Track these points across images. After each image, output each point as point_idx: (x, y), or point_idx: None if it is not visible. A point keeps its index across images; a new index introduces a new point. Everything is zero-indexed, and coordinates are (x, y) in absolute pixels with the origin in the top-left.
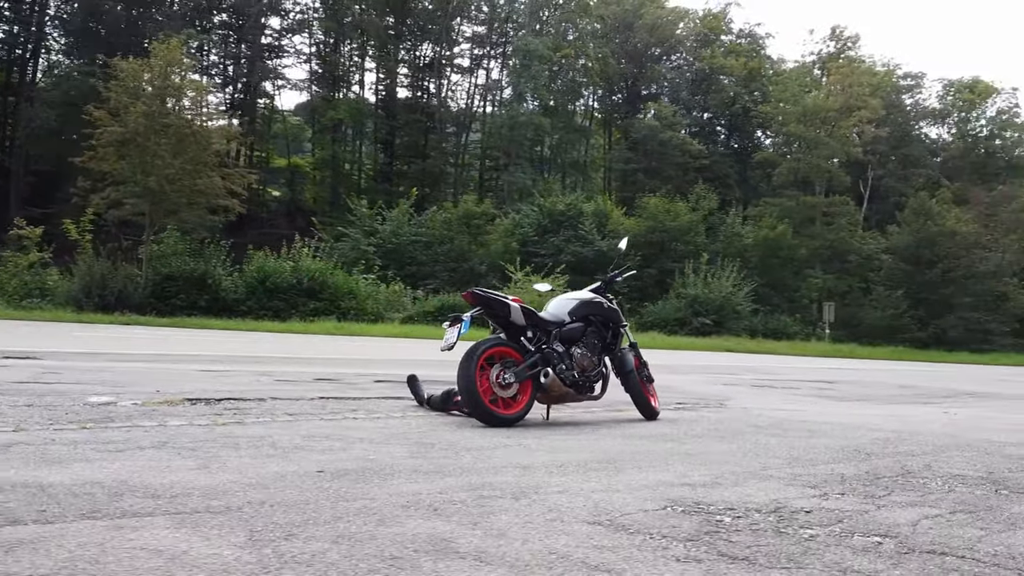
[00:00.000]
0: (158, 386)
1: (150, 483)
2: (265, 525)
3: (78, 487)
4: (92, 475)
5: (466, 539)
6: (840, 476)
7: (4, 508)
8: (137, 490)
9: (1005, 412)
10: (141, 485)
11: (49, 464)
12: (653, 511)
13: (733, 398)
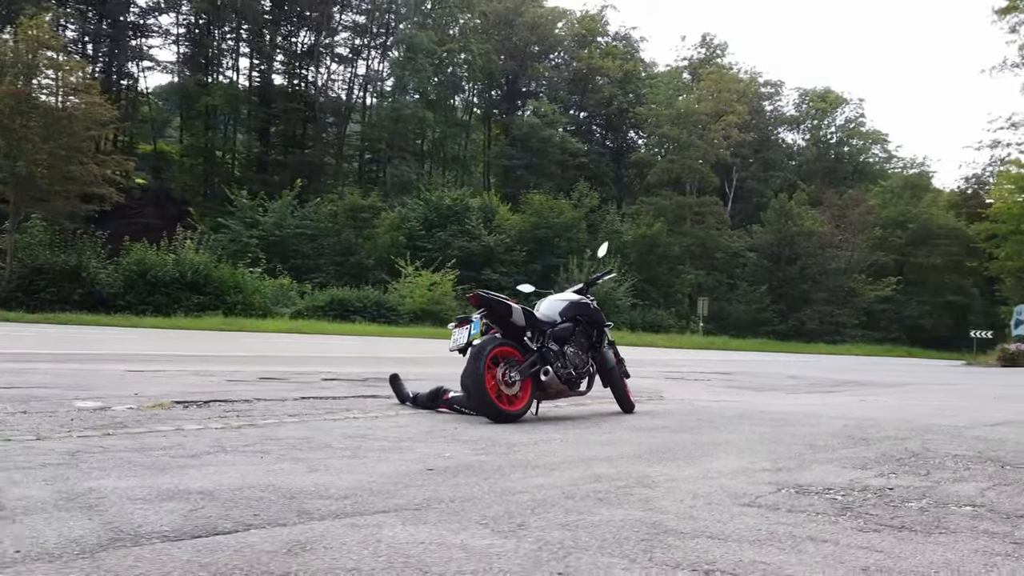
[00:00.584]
0: (106, 389)
1: (301, 486)
2: (485, 517)
3: (247, 492)
4: (231, 480)
5: (672, 522)
6: (865, 459)
7: (228, 514)
8: (303, 493)
9: (915, 398)
10: (298, 489)
11: (161, 471)
12: (778, 492)
13: (665, 391)
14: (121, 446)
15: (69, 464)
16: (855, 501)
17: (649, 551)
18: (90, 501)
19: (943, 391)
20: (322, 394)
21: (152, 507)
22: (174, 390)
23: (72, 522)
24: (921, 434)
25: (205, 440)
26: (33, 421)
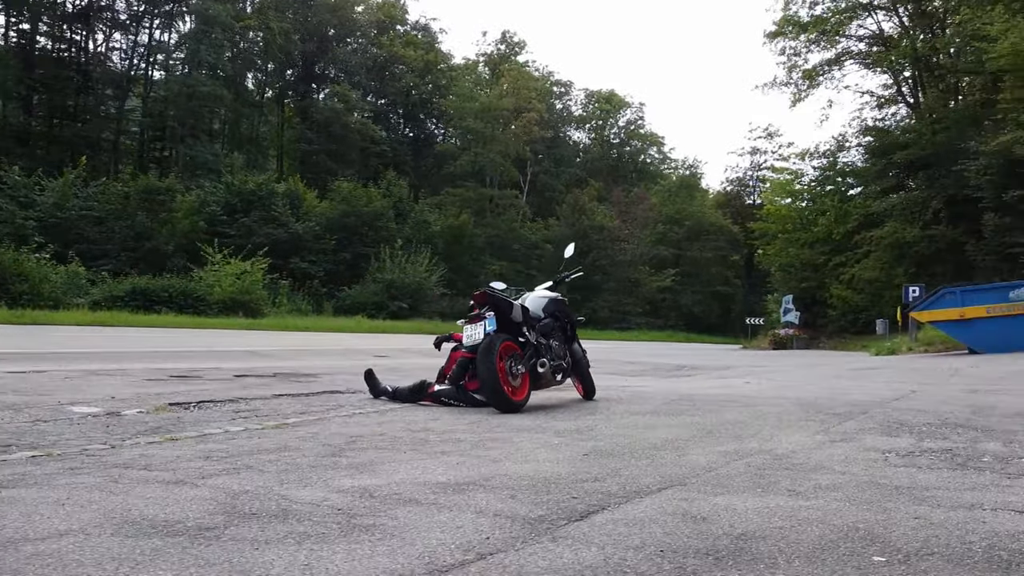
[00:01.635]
0: (66, 394)
1: (522, 472)
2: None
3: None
4: (389, 480)
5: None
6: (866, 429)
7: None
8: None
9: (779, 379)
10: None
11: (359, 469)
12: (875, 456)
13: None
14: (181, 455)
15: (249, 467)
16: (924, 458)
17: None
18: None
19: (784, 372)
20: (292, 392)
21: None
22: (140, 392)
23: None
24: (867, 409)
25: (262, 443)
26: (55, 429)
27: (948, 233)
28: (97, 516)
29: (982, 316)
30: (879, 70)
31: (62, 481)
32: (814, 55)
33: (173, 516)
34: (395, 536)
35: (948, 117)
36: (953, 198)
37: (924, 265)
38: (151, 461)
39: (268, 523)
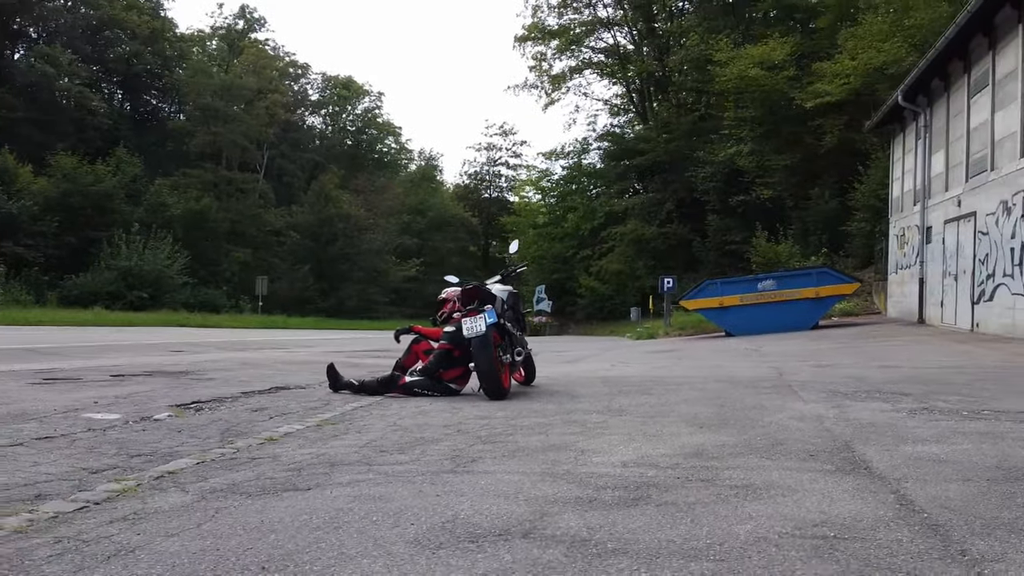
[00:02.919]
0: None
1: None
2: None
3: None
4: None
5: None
6: (844, 394)
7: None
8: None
9: (685, 363)
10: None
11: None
12: (885, 413)
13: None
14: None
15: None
16: (917, 409)
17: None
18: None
19: (619, 357)
20: (240, 390)
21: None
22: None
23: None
24: (778, 383)
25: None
26: (145, 437)
27: (679, 231)
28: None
29: (737, 304)
30: (614, 81)
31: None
32: (560, 62)
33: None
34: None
35: (679, 128)
36: (683, 200)
37: (660, 259)
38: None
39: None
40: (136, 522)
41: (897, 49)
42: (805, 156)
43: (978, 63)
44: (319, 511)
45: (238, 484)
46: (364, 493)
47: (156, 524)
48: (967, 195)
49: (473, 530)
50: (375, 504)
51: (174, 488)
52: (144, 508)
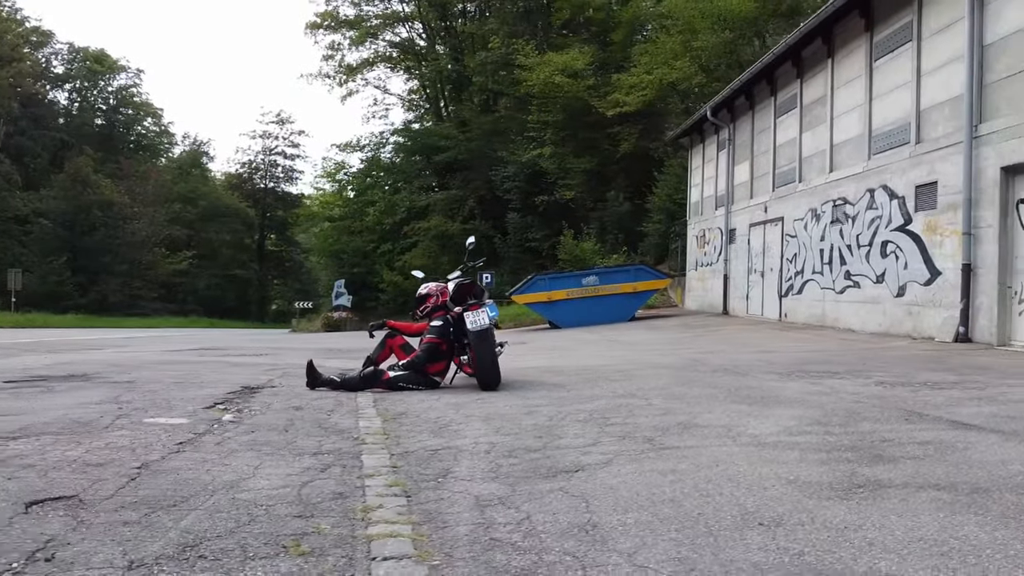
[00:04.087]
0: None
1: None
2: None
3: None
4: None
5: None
6: (807, 372)
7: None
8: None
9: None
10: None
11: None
12: (877, 387)
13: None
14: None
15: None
16: (876, 382)
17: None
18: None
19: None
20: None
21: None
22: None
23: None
24: (740, 364)
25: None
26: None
27: (482, 227)
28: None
29: (563, 298)
30: (408, 77)
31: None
32: (355, 53)
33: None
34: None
35: (480, 128)
36: (484, 198)
37: (464, 254)
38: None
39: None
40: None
41: (687, 67)
42: (602, 160)
43: (785, 88)
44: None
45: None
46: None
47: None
48: (775, 202)
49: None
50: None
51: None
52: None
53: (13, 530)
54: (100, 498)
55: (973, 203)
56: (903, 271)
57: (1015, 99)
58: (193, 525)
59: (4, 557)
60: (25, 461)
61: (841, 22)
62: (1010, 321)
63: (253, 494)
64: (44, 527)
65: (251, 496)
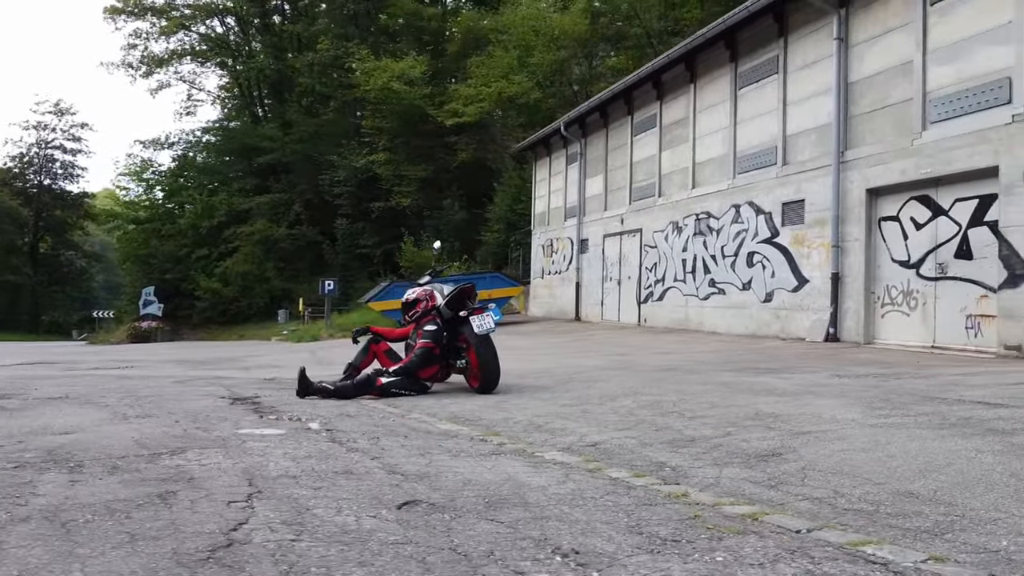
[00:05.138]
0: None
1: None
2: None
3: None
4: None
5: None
6: (752, 368)
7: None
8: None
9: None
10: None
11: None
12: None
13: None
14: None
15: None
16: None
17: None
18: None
19: None
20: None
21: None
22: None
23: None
24: (667, 364)
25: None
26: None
27: (309, 233)
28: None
29: None
30: (223, 73)
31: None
32: (161, 44)
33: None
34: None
35: (306, 130)
36: (311, 203)
37: (290, 260)
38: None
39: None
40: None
41: (524, 82)
42: (438, 168)
43: (643, 108)
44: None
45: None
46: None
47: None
48: (632, 215)
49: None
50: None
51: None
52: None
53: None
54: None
55: (841, 220)
56: (770, 279)
57: (878, 131)
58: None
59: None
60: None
61: (705, 51)
62: (874, 323)
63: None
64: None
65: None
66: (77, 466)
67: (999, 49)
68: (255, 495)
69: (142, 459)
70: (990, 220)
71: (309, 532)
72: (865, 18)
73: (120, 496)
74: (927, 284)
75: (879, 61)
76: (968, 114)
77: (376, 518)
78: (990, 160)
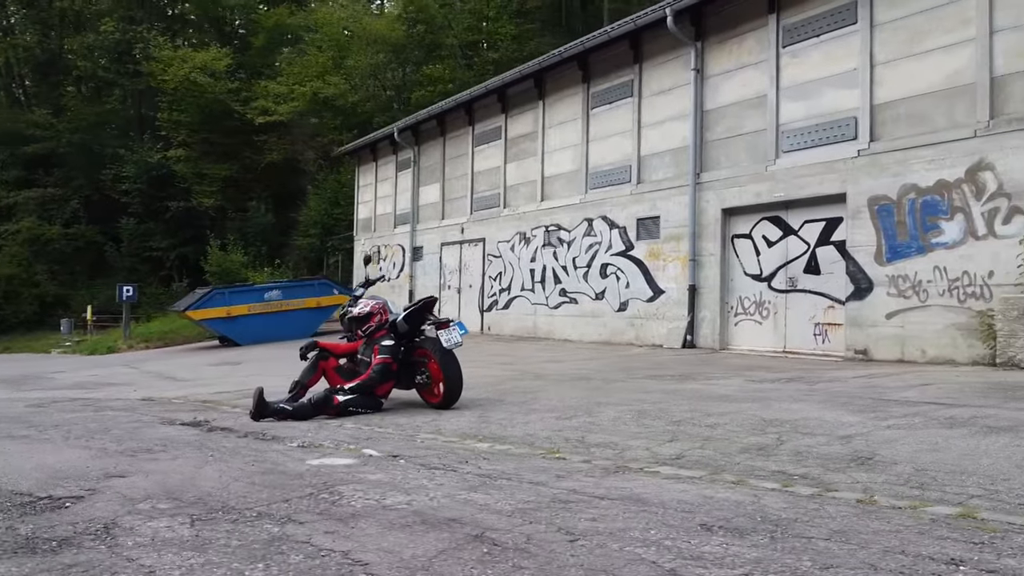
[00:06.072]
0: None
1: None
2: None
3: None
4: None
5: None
6: (648, 374)
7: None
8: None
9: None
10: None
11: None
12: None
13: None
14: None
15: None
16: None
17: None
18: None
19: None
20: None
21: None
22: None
23: None
24: (605, 370)
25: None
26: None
27: (88, 233)
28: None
29: (245, 313)
30: None
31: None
32: None
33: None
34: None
35: (86, 119)
36: (91, 199)
37: (65, 263)
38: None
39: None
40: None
41: (341, 84)
42: (245, 167)
43: (487, 120)
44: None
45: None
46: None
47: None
48: (474, 224)
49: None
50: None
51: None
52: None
53: None
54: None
55: (697, 236)
56: (625, 289)
57: (733, 156)
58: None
59: None
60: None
61: (557, 70)
62: (728, 331)
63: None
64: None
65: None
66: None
67: (846, 92)
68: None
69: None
70: (836, 240)
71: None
72: (720, 53)
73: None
74: (778, 296)
75: (734, 93)
76: (818, 146)
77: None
78: (838, 188)
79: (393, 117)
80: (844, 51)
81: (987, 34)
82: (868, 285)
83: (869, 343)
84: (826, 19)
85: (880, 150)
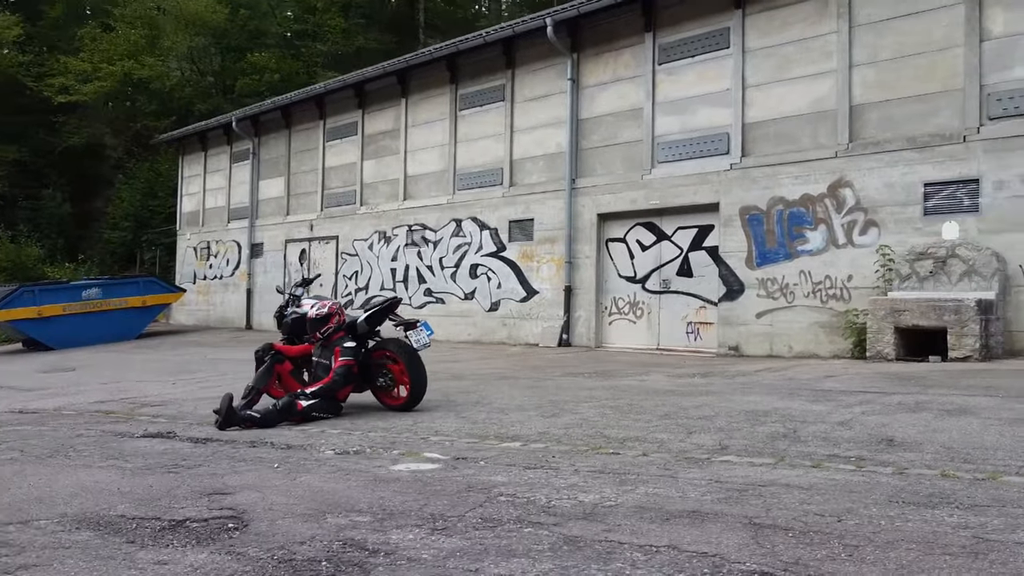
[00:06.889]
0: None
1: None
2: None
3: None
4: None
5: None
6: (562, 373)
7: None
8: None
9: None
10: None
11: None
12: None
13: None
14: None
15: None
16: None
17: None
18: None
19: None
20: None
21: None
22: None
23: None
24: (509, 370)
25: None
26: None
27: None
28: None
29: (60, 314)
30: None
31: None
32: None
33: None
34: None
35: None
36: None
37: None
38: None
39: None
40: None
41: (157, 67)
42: (38, 151)
43: (340, 114)
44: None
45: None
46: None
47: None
48: (325, 221)
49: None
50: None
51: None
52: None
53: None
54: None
55: (573, 239)
56: (496, 289)
57: (608, 163)
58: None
59: None
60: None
61: (423, 69)
62: (603, 330)
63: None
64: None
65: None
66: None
67: (720, 110)
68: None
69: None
70: (708, 245)
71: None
72: (597, 65)
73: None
74: (652, 297)
75: (611, 104)
76: (693, 158)
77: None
78: (712, 198)
79: (216, 105)
80: (718, 72)
81: (847, 67)
82: (740, 287)
83: (741, 340)
84: (701, 41)
85: (751, 164)
